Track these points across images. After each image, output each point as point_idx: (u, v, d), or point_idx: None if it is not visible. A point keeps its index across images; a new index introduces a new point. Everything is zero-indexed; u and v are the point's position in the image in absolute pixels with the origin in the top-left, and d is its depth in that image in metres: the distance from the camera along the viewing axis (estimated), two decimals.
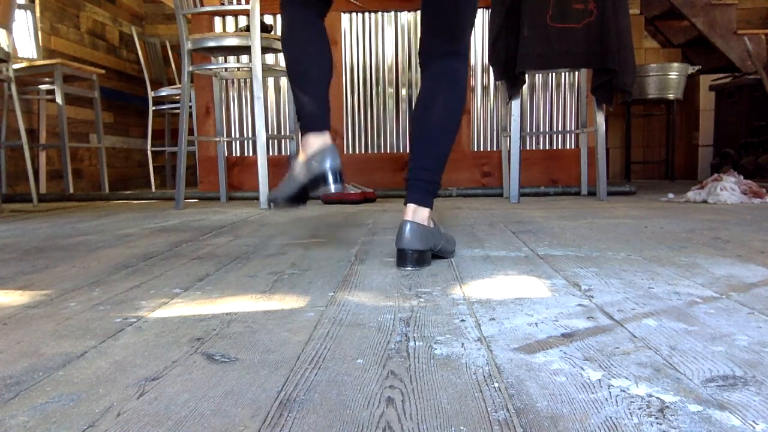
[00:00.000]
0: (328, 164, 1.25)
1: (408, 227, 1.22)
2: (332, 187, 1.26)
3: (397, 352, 0.70)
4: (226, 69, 3.23)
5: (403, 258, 1.22)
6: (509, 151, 2.94)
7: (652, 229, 1.75)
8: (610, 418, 0.52)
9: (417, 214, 1.24)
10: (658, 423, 0.51)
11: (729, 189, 2.62)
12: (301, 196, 1.33)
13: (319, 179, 1.26)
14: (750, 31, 4.70)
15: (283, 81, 3.52)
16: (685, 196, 2.74)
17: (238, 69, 3.29)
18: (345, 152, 3.54)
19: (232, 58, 3.41)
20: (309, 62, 1.33)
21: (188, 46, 2.71)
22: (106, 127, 4.52)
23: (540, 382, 0.60)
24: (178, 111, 4.38)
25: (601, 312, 0.86)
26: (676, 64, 4.49)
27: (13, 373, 0.65)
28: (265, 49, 2.76)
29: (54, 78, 3.48)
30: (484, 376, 0.62)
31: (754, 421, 0.51)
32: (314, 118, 1.30)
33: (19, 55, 3.67)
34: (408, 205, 1.25)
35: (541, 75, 3.49)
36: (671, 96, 4.53)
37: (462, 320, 0.83)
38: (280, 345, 0.74)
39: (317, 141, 1.28)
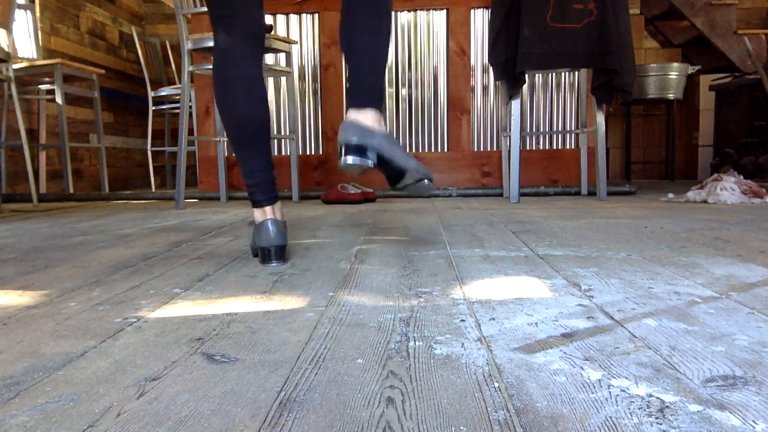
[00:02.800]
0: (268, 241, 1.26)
1: (348, 123, 1.19)
2: (275, 262, 1.27)
3: (397, 352, 0.70)
4: None
5: (344, 151, 1.19)
6: (509, 151, 2.94)
7: (652, 229, 1.75)
8: (610, 418, 0.52)
9: (360, 115, 1.20)
10: (658, 423, 0.51)
11: (729, 189, 2.62)
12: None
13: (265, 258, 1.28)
14: (750, 31, 4.70)
15: (283, 81, 3.52)
16: (685, 196, 2.74)
17: None
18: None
19: None
20: (248, 125, 1.28)
21: (188, 46, 2.71)
22: (106, 127, 4.52)
23: (540, 382, 0.60)
24: (178, 111, 4.38)
25: (601, 312, 0.86)
26: (676, 64, 4.49)
27: (13, 373, 0.65)
28: (265, 49, 2.75)
29: (54, 78, 3.48)
30: (484, 376, 0.62)
31: (754, 421, 0.51)
32: (264, 189, 1.28)
33: (19, 55, 3.67)
34: (349, 110, 1.21)
35: (541, 75, 3.49)
36: (671, 96, 4.53)
37: (462, 320, 0.83)
38: (280, 345, 0.74)
39: (269, 213, 1.28)
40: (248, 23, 1.28)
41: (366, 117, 1.20)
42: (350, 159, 1.17)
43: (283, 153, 3.57)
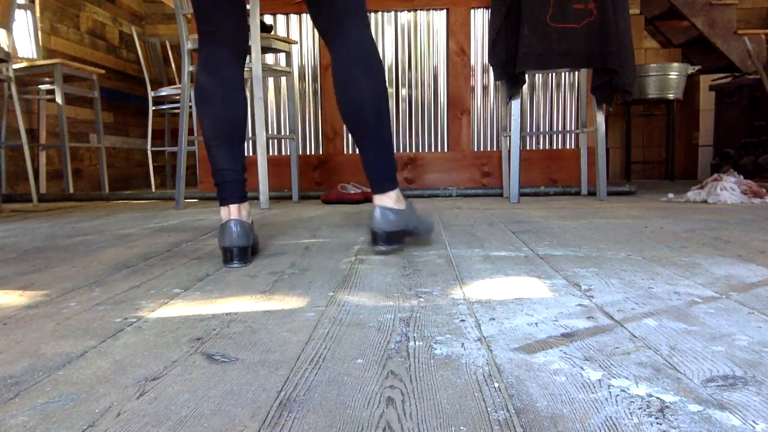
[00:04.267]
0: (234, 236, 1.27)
1: (378, 211, 1.35)
2: (236, 263, 1.28)
3: (397, 352, 0.70)
4: None
5: (374, 238, 1.36)
6: (509, 151, 2.94)
7: (652, 229, 1.75)
8: (610, 418, 0.52)
9: (383, 200, 1.36)
10: (658, 423, 0.51)
11: (729, 189, 2.62)
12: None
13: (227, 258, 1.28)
14: (750, 31, 4.70)
15: (283, 81, 3.52)
16: (685, 196, 2.74)
17: None
18: (345, 152, 3.54)
19: None
20: (225, 128, 1.32)
21: (188, 46, 2.71)
22: (106, 127, 4.52)
23: (540, 382, 0.60)
24: (178, 111, 4.38)
25: (601, 312, 0.86)
26: (676, 64, 4.49)
27: (13, 373, 0.65)
28: (265, 49, 2.76)
29: (54, 78, 3.48)
30: (484, 376, 0.62)
31: (754, 421, 0.51)
32: (232, 188, 1.31)
33: (19, 55, 3.67)
34: (374, 196, 1.37)
35: (541, 75, 3.49)
36: (671, 96, 4.53)
37: (462, 320, 0.83)
38: (280, 345, 0.74)
39: (234, 212, 1.30)
40: (230, 38, 1.34)
41: (390, 200, 1.36)
42: (383, 247, 1.37)
43: (283, 153, 3.57)
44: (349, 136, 3.54)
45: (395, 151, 3.54)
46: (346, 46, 1.32)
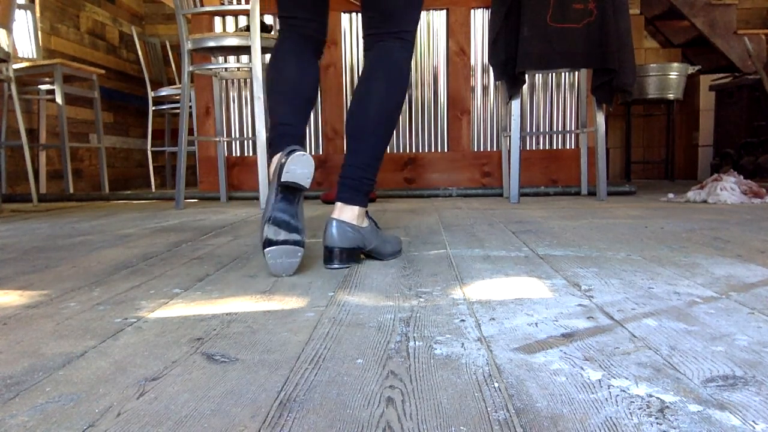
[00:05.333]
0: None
1: (334, 225, 1.24)
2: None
3: (397, 352, 0.70)
4: (226, 69, 3.23)
5: (329, 256, 1.23)
6: (509, 151, 2.94)
7: (652, 229, 1.75)
8: (610, 418, 0.52)
9: (344, 212, 1.25)
10: (658, 423, 0.51)
11: (729, 189, 2.62)
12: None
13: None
14: (750, 31, 4.70)
15: None
16: (685, 196, 2.74)
17: (238, 69, 3.29)
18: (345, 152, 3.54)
19: (232, 58, 3.41)
20: (297, 90, 1.32)
21: (188, 46, 2.71)
22: (106, 127, 4.52)
23: (540, 382, 0.60)
24: (178, 111, 4.38)
25: (601, 312, 0.86)
26: (676, 64, 4.49)
27: (13, 373, 0.65)
28: (265, 49, 2.76)
29: (54, 78, 3.48)
30: (484, 376, 0.62)
31: (754, 421, 0.51)
32: (290, 140, 1.28)
33: (19, 55, 3.67)
34: (336, 203, 1.27)
35: (541, 75, 3.49)
36: (671, 96, 4.52)
37: (462, 320, 0.83)
38: (280, 345, 0.74)
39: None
40: (308, 28, 1.37)
41: (351, 214, 1.25)
42: (336, 264, 1.24)
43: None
44: None
45: (396, 150, 3.54)
46: (374, 58, 1.32)
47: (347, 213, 1.25)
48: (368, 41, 1.35)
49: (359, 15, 3.48)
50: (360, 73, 1.38)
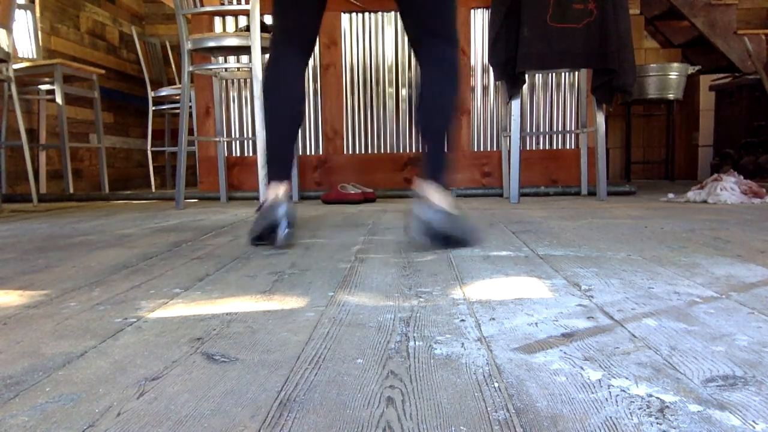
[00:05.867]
0: (279, 213, 1.42)
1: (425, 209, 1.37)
2: (281, 236, 1.42)
3: (397, 352, 0.70)
4: (226, 69, 3.23)
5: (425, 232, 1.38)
6: (509, 151, 2.94)
7: (652, 229, 1.75)
8: (610, 418, 0.52)
9: (431, 194, 1.39)
10: (658, 423, 0.51)
11: (729, 189, 2.62)
12: (261, 239, 1.48)
13: (272, 227, 1.43)
14: (750, 31, 4.70)
15: None
16: (685, 196, 2.74)
17: (238, 69, 3.29)
18: (345, 152, 3.54)
19: (232, 58, 3.41)
20: (287, 115, 1.51)
21: (188, 46, 2.71)
22: (106, 127, 4.52)
23: (540, 382, 0.60)
24: (178, 111, 4.38)
25: (601, 312, 0.86)
26: (676, 64, 4.49)
27: (13, 373, 0.65)
28: (265, 49, 2.76)
29: (54, 78, 3.48)
30: (484, 376, 0.62)
31: (754, 421, 0.51)
32: (279, 167, 1.49)
33: (19, 55, 3.67)
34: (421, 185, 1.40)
35: (541, 75, 3.49)
36: (671, 96, 4.52)
37: (462, 320, 0.83)
38: (280, 345, 0.74)
39: (274, 191, 1.46)
40: (299, 36, 1.52)
41: (438, 196, 1.39)
42: (429, 243, 1.39)
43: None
44: (349, 136, 3.55)
45: (396, 150, 3.54)
46: (428, 57, 1.45)
47: (433, 195, 1.40)
48: (416, 40, 1.48)
49: (359, 15, 3.48)
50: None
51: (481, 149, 3.54)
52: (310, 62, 3.52)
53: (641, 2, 4.97)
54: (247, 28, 2.80)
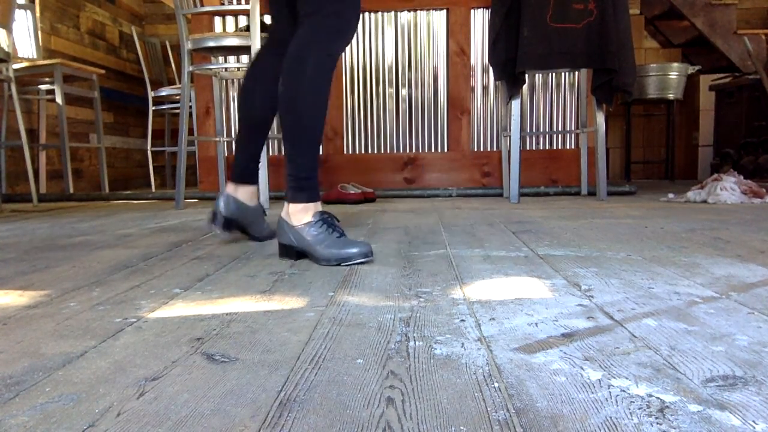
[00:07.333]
0: (219, 206, 1.54)
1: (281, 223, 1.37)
2: (216, 228, 1.55)
3: (397, 352, 0.70)
4: (226, 69, 3.23)
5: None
6: (509, 151, 2.94)
7: (652, 229, 1.75)
8: (610, 418, 0.52)
9: (286, 210, 1.37)
10: (658, 423, 0.51)
11: (729, 189, 2.62)
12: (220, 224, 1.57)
13: (214, 213, 1.55)
14: (750, 31, 4.70)
15: None
16: (685, 196, 2.74)
17: (238, 69, 3.29)
18: (345, 152, 3.54)
19: (232, 58, 3.41)
20: (244, 116, 1.55)
21: (188, 46, 2.71)
22: (106, 127, 4.52)
23: (540, 382, 0.60)
24: (178, 111, 4.38)
25: (601, 312, 0.86)
26: (676, 64, 4.49)
27: (13, 373, 0.65)
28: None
29: (54, 78, 3.48)
30: (484, 376, 0.62)
31: (754, 421, 0.51)
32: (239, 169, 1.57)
33: (19, 55, 3.67)
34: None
35: (541, 75, 3.49)
36: (671, 96, 4.52)
37: (462, 320, 0.83)
38: (280, 345, 0.74)
39: (228, 188, 1.56)
40: (279, 39, 1.52)
41: (291, 212, 1.35)
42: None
43: (283, 153, 3.56)
44: (349, 136, 3.55)
45: (396, 150, 3.54)
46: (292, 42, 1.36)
47: (287, 210, 1.39)
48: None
49: (360, 15, 3.48)
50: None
51: (481, 149, 3.54)
52: None
53: (641, 2, 4.97)
54: (247, 28, 2.80)
